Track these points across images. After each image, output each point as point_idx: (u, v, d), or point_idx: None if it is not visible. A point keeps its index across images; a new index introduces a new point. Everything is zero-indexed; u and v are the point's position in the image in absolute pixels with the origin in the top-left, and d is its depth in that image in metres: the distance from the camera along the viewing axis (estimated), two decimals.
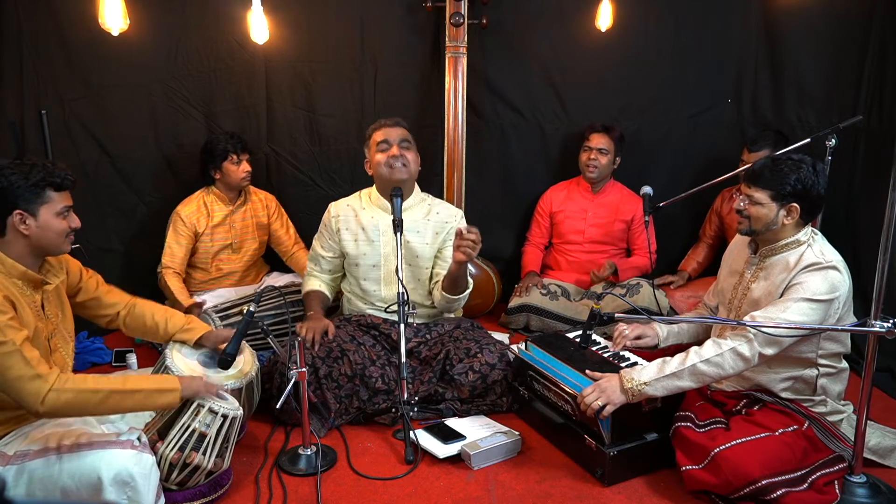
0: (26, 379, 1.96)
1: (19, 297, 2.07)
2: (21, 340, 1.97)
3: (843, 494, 2.25)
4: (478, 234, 2.69)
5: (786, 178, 2.35)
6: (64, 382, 2.00)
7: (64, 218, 2.14)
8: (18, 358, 1.95)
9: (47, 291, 2.20)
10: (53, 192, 2.11)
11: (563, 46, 3.86)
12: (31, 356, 1.97)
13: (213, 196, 3.54)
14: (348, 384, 2.77)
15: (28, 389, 1.96)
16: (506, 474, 2.50)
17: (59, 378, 1.99)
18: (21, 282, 2.11)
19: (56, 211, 2.12)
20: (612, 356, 2.68)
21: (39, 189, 2.08)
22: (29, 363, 1.96)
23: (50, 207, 2.11)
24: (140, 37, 3.45)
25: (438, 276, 3.01)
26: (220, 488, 2.34)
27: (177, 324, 2.56)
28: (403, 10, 3.76)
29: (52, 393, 1.97)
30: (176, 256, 3.47)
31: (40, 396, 1.97)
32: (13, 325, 1.98)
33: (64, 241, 2.17)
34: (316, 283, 3.14)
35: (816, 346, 2.42)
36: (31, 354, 1.98)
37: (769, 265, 2.45)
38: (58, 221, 2.13)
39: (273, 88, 3.77)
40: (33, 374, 1.96)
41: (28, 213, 2.08)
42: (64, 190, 2.14)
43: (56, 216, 2.12)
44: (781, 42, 3.75)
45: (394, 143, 2.96)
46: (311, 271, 3.19)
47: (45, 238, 2.12)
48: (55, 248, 2.17)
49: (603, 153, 3.70)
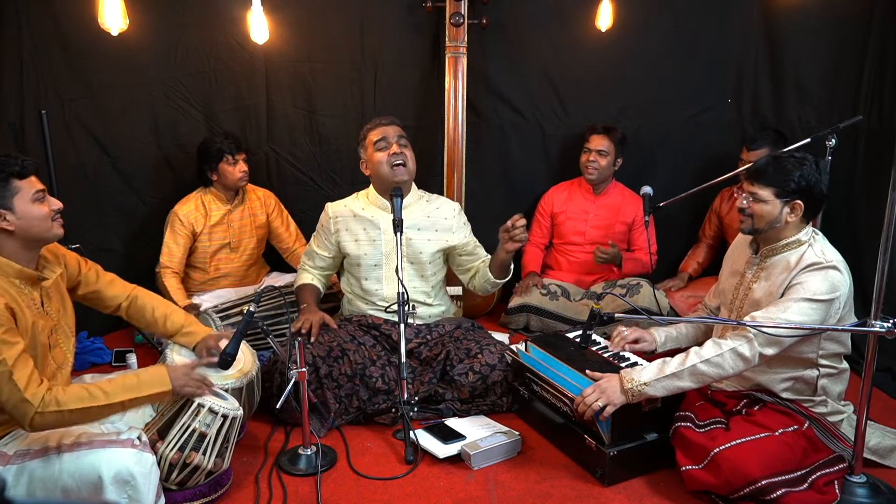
0: (15, 402, 1.96)
1: (18, 298, 2.06)
2: (14, 358, 1.95)
3: (843, 494, 2.25)
4: (523, 220, 2.76)
5: (790, 175, 2.34)
6: (48, 405, 1.98)
7: (41, 202, 2.10)
8: (6, 380, 1.94)
9: (46, 287, 2.19)
10: (18, 180, 2.06)
11: (563, 46, 3.86)
12: (20, 377, 1.96)
13: (211, 195, 3.54)
14: (348, 384, 2.77)
15: (17, 412, 1.98)
16: (506, 474, 2.50)
17: (43, 401, 1.98)
18: (18, 280, 2.09)
19: (30, 198, 2.07)
20: (613, 356, 2.68)
21: (3, 182, 2.05)
22: (17, 386, 1.95)
23: (22, 196, 2.06)
24: (140, 37, 3.45)
25: (473, 270, 3.11)
26: (220, 488, 2.35)
27: (176, 322, 2.55)
28: (403, 10, 3.76)
29: (37, 416, 1.97)
30: (174, 256, 3.47)
31: (27, 419, 1.98)
32: (7, 340, 1.96)
33: (52, 224, 2.13)
34: (308, 277, 3.17)
35: (817, 346, 2.41)
36: (22, 374, 1.96)
37: (770, 265, 2.45)
38: (36, 207, 2.09)
39: (273, 88, 3.77)
40: (20, 399, 1.96)
41: (3, 209, 2.04)
42: (27, 177, 2.09)
43: (32, 203, 2.08)
44: (781, 42, 3.75)
45: (392, 140, 2.97)
46: (304, 265, 3.20)
47: (31, 228, 2.08)
48: (45, 233, 2.13)
49: (602, 155, 3.69)
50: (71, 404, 2.01)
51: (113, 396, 2.06)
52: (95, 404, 2.04)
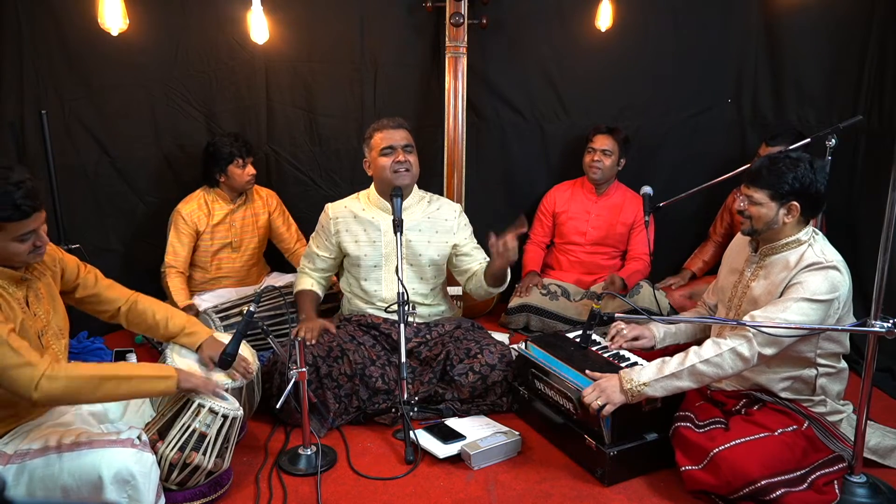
0: (17, 367, 1.95)
1: (4, 294, 2.05)
2: (7, 332, 1.95)
3: (842, 494, 2.25)
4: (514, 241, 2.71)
5: (783, 178, 2.34)
6: (56, 369, 1.99)
7: (23, 242, 2.01)
8: (6, 349, 1.94)
9: (33, 288, 2.17)
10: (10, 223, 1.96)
11: (563, 46, 3.86)
12: (18, 346, 1.96)
13: (215, 195, 3.54)
14: (348, 384, 2.78)
15: (20, 378, 1.95)
16: (506, 474, 2.50)
17: (50, 365, 1.98)
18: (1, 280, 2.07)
19: (12, 238, 1.99)
20: (612, 356, 2.68)
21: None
22: (17, 352, 1.95)
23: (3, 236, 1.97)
24: (140, 37, 3.45)
25: (469, 272, 3.08)
26: (220, 488, 2.35)
27: (177, 324, 2.54)
28: (403, 10, 3.76)
29: (44, 380, 1.96)
30: (179, 255, 3.46)
31: (33, 383, 1.95)
32: None
33: (28, 257, 2.06)
34: (308, 283, 3.15)
35: (815, 346, 2.41)
36: (19, 344, 1.97)
37: (769, 264, 2.45)
38: (14, 245, 2.00)
39: (273, 88, 3.77)
40: (23, 362, 1.95)
41: None
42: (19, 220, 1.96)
43: (13, 241, 1.99)
44: (781, 42, 3.75)
45: (398, 148, 2.96)
46: (303, 268, 3.20)
47: (7, 259, 2.04)
48: (20, 263, 2.09)
49: (607, 154, 3.69)
50: (76, 371, 2.02)
51: (119, 370, 2.09)
52: (100, 373, 2.06)
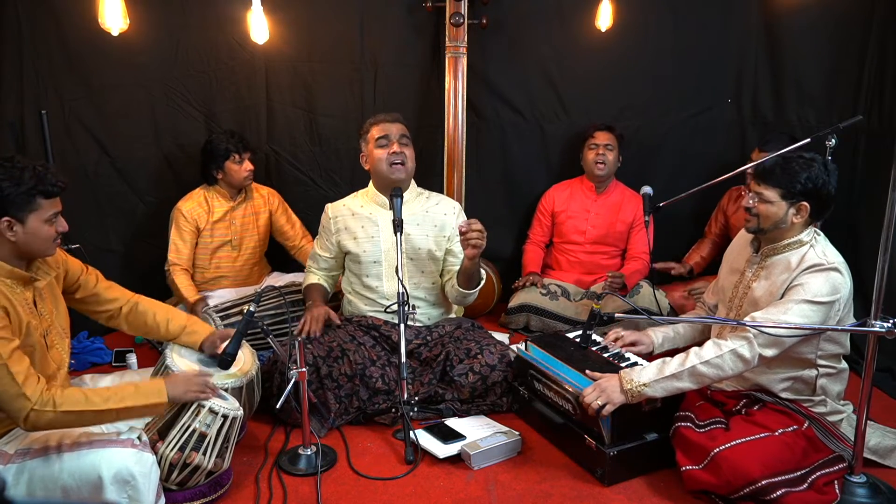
0: (11, 396, 1.97)
1: (10, 296, 2.06)
2: (9, 353, 1.96)
3: (843, 494, 2.25)
4: (479, 224, 2.69)
5: (797, 177, 2.33)
6: (45, 403, 1.99)
7: (52, 224, 2.11)
8: (4, 373, 1.95)
9: (38, 288, 2.19)
10: (44, 199, 2.07)
11: (563, 46, 3.86)
12: (17, 370, 1.97)
13: (215, 192, 3.54)
14: (348, 384, 2.78)
15: (12, 405, 1.98)
16: (506, 474, 2.50)
17: (41, 398, 1.98)
18: (10, 280, 2.09)
19: (45, 218, 2.08)
20: (613, 356, 2.68)
21: (30, 197, 2.04)
22: (14, 379, 1.96)
23: (39, 215, 2.07)
24: (140, 37, 3.45)
25: (450, 273, 3.04)
26: (221, 488, 2.35)
27: (178, 324, 2.55)
28: (403, 10, 3.76)
29: (33, 413, 1.98)
30: (182, 253, 3.46)
31: (22, 414, 1.98)
32: (3, 336, 1.97)
33: (50, 245, 2.15)
34: (315, 278, 3.18)
35: (816, 347, 2.41)
36: (19, 368, 1.97)
37: (770, 264, 2.45)
38: (46, 228, 2.09)
39: (273, 88, 3.77)
40: (18, 393, 1.96)
41: (16, 220, 2.05)
42: (54, 197, 2.10)
43: (44, 223, 2.08)
44: (781, 42, 3.75)
45: (394, 139, 2.96)
46: (309, 268, 3.22)
47: (32, 244, 2.09)
48: (41, 252, 2.15)
49: (609, 149, 3.71)
50: (67, 406, 2.01)
51: (109, 402, 2.07)
52: (91, 408, 2.05)
